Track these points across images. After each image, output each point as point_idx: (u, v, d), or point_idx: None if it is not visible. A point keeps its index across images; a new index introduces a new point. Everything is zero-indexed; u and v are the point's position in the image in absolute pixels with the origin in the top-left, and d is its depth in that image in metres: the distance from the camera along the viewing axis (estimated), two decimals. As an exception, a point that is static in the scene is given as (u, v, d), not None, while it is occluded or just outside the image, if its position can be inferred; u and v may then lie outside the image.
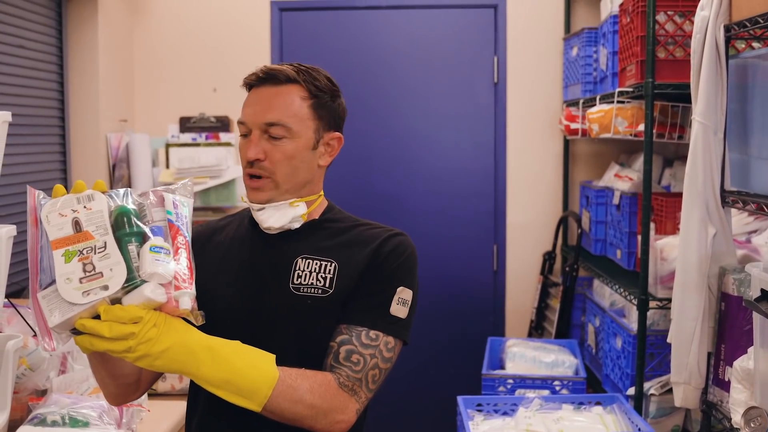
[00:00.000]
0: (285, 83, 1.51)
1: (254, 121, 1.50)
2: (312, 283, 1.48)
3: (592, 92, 3.32)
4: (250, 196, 1.52)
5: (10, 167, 2.85)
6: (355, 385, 1.42)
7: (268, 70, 1.52)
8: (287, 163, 1.49)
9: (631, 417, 2.43)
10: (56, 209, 1.20)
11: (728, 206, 2.11)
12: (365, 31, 3.89)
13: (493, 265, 3.92)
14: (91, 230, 1.19)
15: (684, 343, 2.17)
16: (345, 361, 1.42)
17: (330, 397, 1.38)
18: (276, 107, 1.49)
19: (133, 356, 1.20)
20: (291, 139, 1.49)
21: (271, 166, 1.49)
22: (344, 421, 1.40)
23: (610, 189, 3.21)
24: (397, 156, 3.91)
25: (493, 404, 2.62)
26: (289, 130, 1.49)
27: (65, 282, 1.16)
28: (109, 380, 1.46)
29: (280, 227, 1.52)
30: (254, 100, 1.52)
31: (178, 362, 1.25)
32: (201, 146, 3.80)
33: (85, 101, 3.47)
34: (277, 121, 1.48)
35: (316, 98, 1.52)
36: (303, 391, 1.35)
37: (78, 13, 3.45)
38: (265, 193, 1.50)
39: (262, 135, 1.49)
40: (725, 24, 2.02)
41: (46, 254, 1.19)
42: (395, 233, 1.55)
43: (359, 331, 1.44)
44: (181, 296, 1.21)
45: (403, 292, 1.49)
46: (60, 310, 1.16)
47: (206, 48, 3.90)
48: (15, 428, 1.96)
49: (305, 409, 1.35)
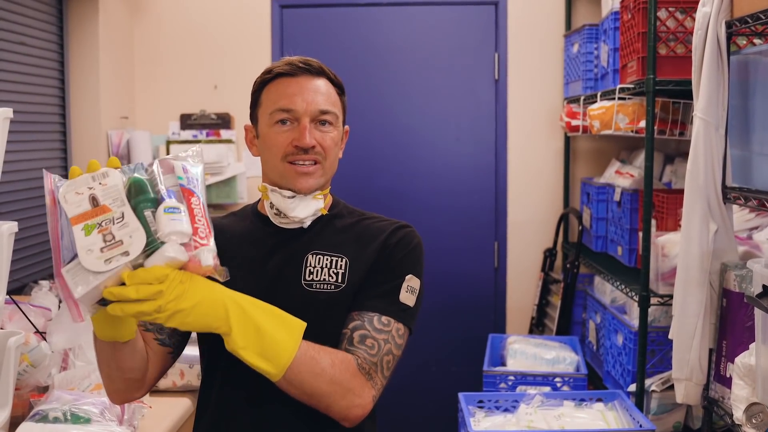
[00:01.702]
0: (318, 75, 1.53)
1: (307, 108, 1.49)
2: (324, 278, 1.49)
3: (593, 89, 3.32)
4: (297, 184, 1.49)
5: (11, 164, 2.85)
6: (371, 369, 1.40)
7: (304, 60, 1.53)
8: (333, 150, 1.53)
9: (632, 413, 2.43)
10: (73, 189, 1.21)
11: (729, 202, 2.11)
12: (366, 27, 3.89)
13: (494, 262, 3.92)
14: (108, 203, 1.20)
15: (685, 339, 2.17)
16: (360, 345, 1.41)
17: (350, 376, 1.37)
18: (325, 95, 1.52)
19: (164, 315, 1.19)
20: (335, 126, 1.53)
21: (324, 152, 1.50)
22: (360, 405, 1.39)
23: (611, 186, 3.21)
24: (398, 153, 3.91)
25: (495, 401, 2.62)
26: (336, 118, 1.53)
27: (87, 253, 1.17)
28: (116, 374, 1.43)
29: (302, 219, 1.52)
30: (299, 89, 1.51)
31: (209, 316, 1.23)
32: (202, 143, 3.80)
33: (86, 98, 3.47)
34: (330, 109, 1.51)
35: (342, 92, 1.57)
36: (325, 365, 1.34)
37: (79, 11, 3.45)
38: (316, 181, 1.51)
39: (311, 123, 1.50)
40: (726, 20, 2.02)
41: (67, 232, 1.20)
42: (402, 225, 1.57)
43: (371, 317, 1.44)
44: (201, 253, 1.21)
45: (412, 281, 1.50)
46: (84, 281, 1.17)
47: (207, 45, 3.90)
48: (16, 425, 1.96)
49: (325, 384, 1.34)
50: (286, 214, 1.51)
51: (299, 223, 1.53)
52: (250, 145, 1.61)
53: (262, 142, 1.54)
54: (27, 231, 3.01)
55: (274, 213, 1.54)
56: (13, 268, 2.18)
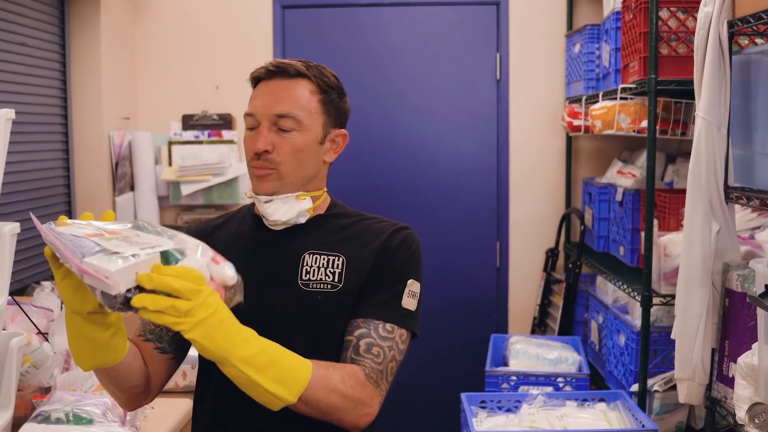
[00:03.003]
0: (295, 77, 1.51)
1: (263, 112, 1.48)
2: (321, 278, 1.48)
3: (595, 89, 3.32)
4: (255, 187, 1.50)
5: (13, 165, 2.86)
6: (378, 378, 1.41)
7: (278, 63, 1.52)
8: (295, 156, 1.49)
9: (634, 413, 2.43)
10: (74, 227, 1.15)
11: (732, 202, 2.11)
12: (367, 28, 3.89)
13: (496, 262, 3.92)
14: (119, 229, 1.17)
15: (688, 339, 2.17)
16: (366, 354, 1.42)
17: (360, 388, 1.38)
18: (286, 99, 1.49)
19: (193, 321, 1.12)
20: (300, 131, 1.49)
21: (278, 158, 1.48)
22: (370, 414, 1.40)
23: (613, 185, 3.21)
24: (400, 153, 3.91)
25: (497, 401, 2.62)
26: (298, 123, 1.48)
27: (115, 246, 1.09)
28: (119, 393, 1.45)
29: (286, 221, 1.51)
30: (263, 93, 1.51)
31: (229, 337, 1.17)
32: (204, 144, 3.80)
33: (88, 99, 3.48)
34: (287, 112, 1.48)
35: (325, 93, 1.53)
36: (337, 381, 1.34)
37: (81, 11, 3.45)
38: (271, 184, 1.49)
39: (270, 127, 1.48)
40: (728, 20, 2.02)
41: (78, 240, 1.10)
42: (401, 227, 1.56)
43: (376, 324, 1.44)
44: (222, 269, 1.17)
45: (413, 285, 1.50)
46: (121, 260, 1.06)
47: (209, 45, 3.90)
48: (19, 425, 1.96)
49: (339, 399, 1.33)
50: (267, 218, 1.52)
51: (285, 224, 1.52)
52: None
53: None
54: (29, 232, 3.01)
55: (261, 215, 1.54)
56: (15, 268, 2.17)
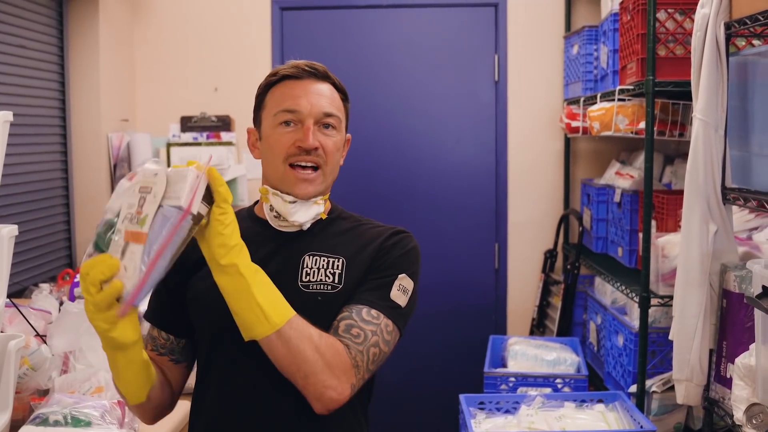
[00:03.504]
0: (323, 79, 1.54)
1: (312, 110, 1.49)
2: (321, 279, 1.48)
3: (593, 90, 3.32)
4: (297, 190, 1.49)
5: (11, 167, 2.85)
6: (357, 356, 1.39)
7: (310, 64, 1.54)
8: (335, 155, 1.53)
9: (633, 414, 2.43)
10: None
11: (729, 203, 2.11)
12: (366, 30, 3.89)
13: (495, 263, 3.92)
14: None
15: (686, 340, 2.17)
16: (344, 333, 1.40)
17: (333, 353, 1.35)
18: (330, 99, 1.52)
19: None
20: (338, 131, 1.53)
21: (325, 156, 1.50)
22: (337, 389, 1.35)
23: (611, 187, 3.21)
24: (398, 155, 3.91)
25: (495, 402, 2.62)
26: (339, 122, 1.53)
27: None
28: (149, 408, 1.50)
29: (302, 224, 1.51)
30: (305, 91, 1.51)
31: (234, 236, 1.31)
32: (202, 145, 3.80)
33: (87, 101, 3.48)
34: (334, 112, 1.51)
35: (346, 98, 1.57)
36: (313, 332, 1.34)
37: (79, 13, 3.45)
38: (317, 187, 1.51)
39: (315, 125, 1.50)
40: (725, 21, 2.02)
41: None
42: (399, 230, 1.57)
43: (359, 309, 1.43)
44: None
45: (404, 280, 1.49)
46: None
47: (207, 47, 3.90)
48: (17, 428, 1.96)
49: (310, 350, 1.32)
50: (286, 218, 1.51)
51: (298, 226, 1.52)
52: (252, 148, 1.60)
53: (265, 143, 1.54)
54: (27, 234, 3.02)
55: (273, 215, 1.53)
56: (13, 271, 2.18)
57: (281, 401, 1.45)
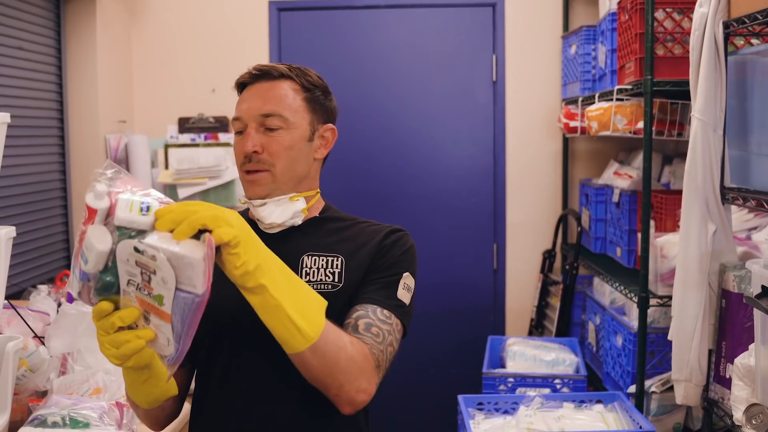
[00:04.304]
0: (278, 79, 1.53)
1: (249, 114, 1.50)
2: (321, 279, 1.48)
3: (591, 90, 3.32)
4: (248, 192, 1.51)
5: (9, 168, 2.85)
6: (379, 357, 1.38)
7: (261, 67, 1.54)
8: (285, 154, 1.50)
9: (632, 415, 2.43)
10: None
11: (728, 203, 2.11)
12: (364, 30, 3.89)
13: (493, 263, 3.92)
14: None
15: (685, 340, 2.17)
16: (366, 332, 1.39)
17: (363, 358, 1.34)
18: (271, 99, 1.50)
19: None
20: (287, 130, 1.50)
21: (269, 158, 1.48)
22: (367, 391, 1.35)
23: (610, 187, 3.21)
24: (396, 155, 3.91)
25: (494, 403, 2.62)
26: (285, 121, 1.50)
27: None
28: (162, 417, 1.50)
29: (282, 224, 1.51)
30: (249, 96, 1.53)
31: (251, 252, 1.21)
32: (200, 147, 3.80)
33: (84, 102, 3.47)
34: (273, 111, 1.49)
35: (309, 92, 1.55)
36: (346, 340, 1.32)
37: (76, 14, 3.45)
38: (264, 187, 1.49)
39: (258, 128, 1.49)
40: (724, 21, 2.02)
41: None
42: (396, 228, 1.57)
43: (374, 308, 1.43)
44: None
45: (408, 279, 1.50)
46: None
47: (205, 48, 3.90)
48: (15, 429, 1.95)
49: (344, 360, 1.31)
50: (262, 222, 1.51)
51: (280, 227, 1.52)
52: None
53: None
54: (25, 236, 3.01)
55: (257, 219, 1.54)
56: (11, 272, 2.17)
57: (283, 401, 1.45)
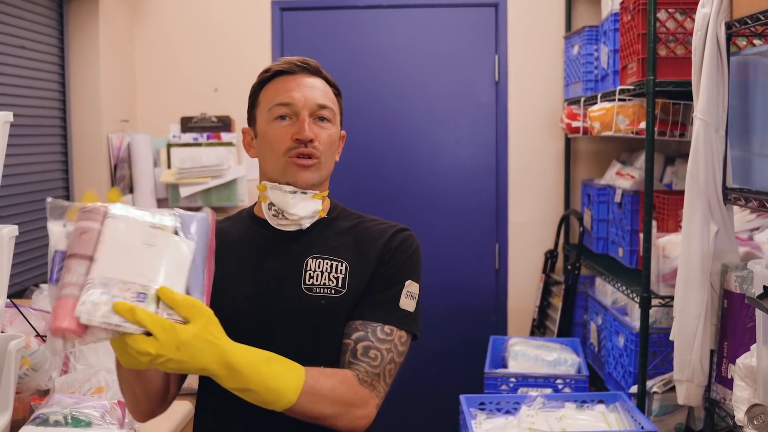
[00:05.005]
0: (315, 75, 1.55)
1: (306, 103, 1.50)
2: (324, 283, 1.48)
3: (594, 90, 3.32)
4: (296, 177, 1.49)
5: (11, 168, 2.85)
6: (373, 380, 1.42)
7: (302, 60, 1.55)
8: (330, 147, 1.53)
9: (633, 415, 2.43)
10: None
11: (730, 203, 2.11)
12: (366, 30, 3.89)
13: (495, 263, 3.91)
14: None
15: (687, 340, 2.17)
16: (363, 357, 1.42)
17: (351, 394, 1.39)
18: (323, 92, 1.53)
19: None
20: (333, 124, 1.54)
21: (321, 147, 1.50)
22: (365, 416, 1.41)
23: (612, 187, 3.21)
24: (398, 155, 3.91)
25: (496, 403, 2.62)
26: (334, 115, 1.54)
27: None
28: (142, 396, 1.46)
29: (302, 218, 1.50)
30: (298, 85, 1.52)
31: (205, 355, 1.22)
32: (202, 146, 3.80)
33: (87, 101, 3.48)
34: (328, 104, 1.52)
35: (338, 96, 1.58)
36: (325, 391, 1.35)
37: (79, 14, 3.45)
38: (314, 174, 1.50)
39: (309, 117, 1.50)
40: (726, 21, 2.02)
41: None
42: (401, 228, 1.57)
43: (374, 327, 1.45)
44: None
45: (411, 286, 1.50)
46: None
47: (207, 48, 3.90)
48: (17, 428, 1.96)
49: (328, 407, 1.35)
50: (286, 211, 1.50)
51: (297, 223, 1.51)
52: (248, 148, 1.60)
53: (262, 140, 1.54)
54: (28, 234, 3.02)
55: (272, 214, 1.52)
56: (13, 271, 2.17)
57: None
